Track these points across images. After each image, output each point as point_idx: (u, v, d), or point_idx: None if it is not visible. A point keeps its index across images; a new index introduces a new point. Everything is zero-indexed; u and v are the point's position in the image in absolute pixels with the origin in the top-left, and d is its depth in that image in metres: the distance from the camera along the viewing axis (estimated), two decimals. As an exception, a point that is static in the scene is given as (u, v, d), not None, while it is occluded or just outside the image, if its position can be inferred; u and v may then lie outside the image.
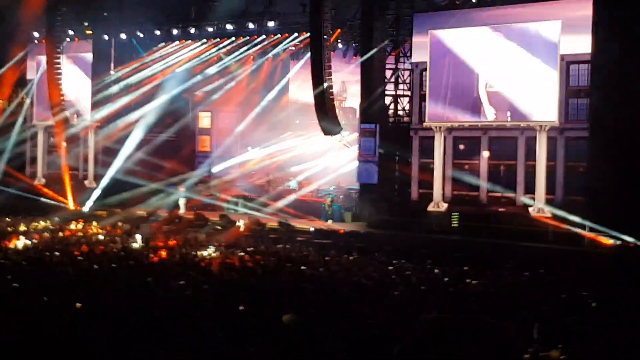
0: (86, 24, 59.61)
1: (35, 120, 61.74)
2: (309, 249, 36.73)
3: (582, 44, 39.08)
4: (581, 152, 39.81)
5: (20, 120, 62.06)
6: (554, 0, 40.48)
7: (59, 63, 56.49)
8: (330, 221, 47.44)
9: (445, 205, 43.09)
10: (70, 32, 59.33)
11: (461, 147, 44.08)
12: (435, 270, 30.49)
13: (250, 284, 26.99)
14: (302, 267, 30.59)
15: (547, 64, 40.43)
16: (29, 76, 62.49)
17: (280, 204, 49.83)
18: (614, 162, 37.11)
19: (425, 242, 39.68)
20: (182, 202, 51.40)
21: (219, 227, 45.07)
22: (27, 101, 62.72)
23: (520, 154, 41.92)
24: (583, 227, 37.60)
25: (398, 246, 38.73)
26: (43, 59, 58.69)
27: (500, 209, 41.55)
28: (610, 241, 36.55)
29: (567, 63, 40.55)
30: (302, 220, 46.95)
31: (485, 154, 42.82)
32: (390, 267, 31.21)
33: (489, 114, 42.23)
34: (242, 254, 34.11)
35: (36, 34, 60.18)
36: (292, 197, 50.69)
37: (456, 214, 42.08)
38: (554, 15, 40.25)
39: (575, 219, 38.11)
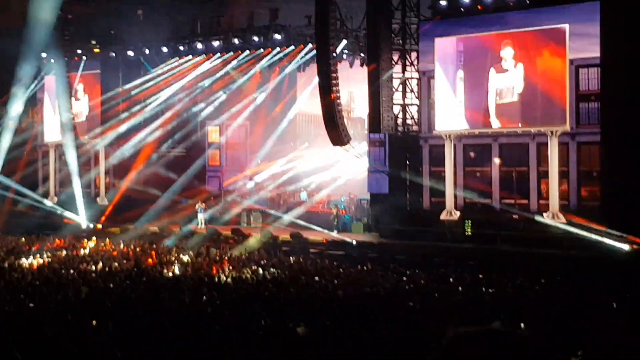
0: (94, 42, 59.82)
1: (45, 139, 61.84)
2: (322, 260, 36.67)
3: (590, 47, 38.99)
4: (594, 157, 39.72)
5: (31, 139, 62.20)
6: (560, 4, 40.34)
7: (68, 81, 56.60)
8: (335, 232, 47.44)
9: (458, 213, 42.96)
10: (79, 51, 59.52)
11: (472, 154, 43.99)
12: (450, 279, 30.41)
13: (264, 297, 26.99)
14: (316, 279, 30.61)
15: (555, 68, 40.31)
16: (38, 96, 62.67)
17: (292, 216, 49.79)
18: (627, 165, 37.01)
19: (438, 251, 39.64)
20: (201, 218, 51.32)
21: (231, 241, 45.06)
22: (38, 120, 62.86)
23: (532, 160, 41.81)
24: (598, 232, 37.43)
25: (411, 256, 38.72)
26: (52, 78, 58.84)
27: (514, 216, 41.43)
28: (626, 246, 36.40)
29: (576, 67, 40.45)
30: (314, 232, 46.95)
31: (497, 160, 42.73)
32: (404, 277, 31.14)
33: (498, 121, 42.09)
34: (255, 267, 34.10)
35: (44, 54, 60.29)
36: (303, 209, 50.63)
37: (469, 221, 41.97)
38: (562, 19, 40.16)
39: (590, 224, 37.94)
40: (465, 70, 42.98)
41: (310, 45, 50.22)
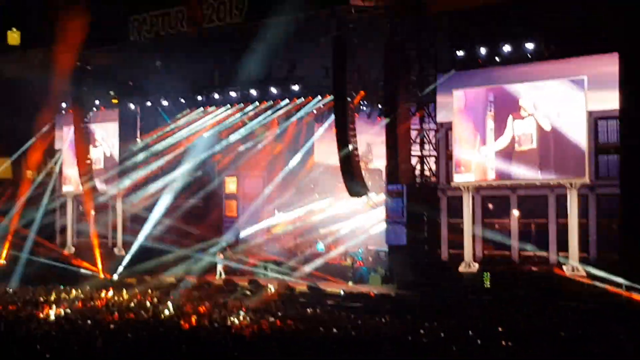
0: (112, 92, 60.14)
1: (63, 189, 62.02)
2: (339, 312, 36.48)
3: (609, 99, 38.90)
4: (613, 209, 39.43)
5: (49, 189, 62.42)
6: (579, 56, 40.33)
7: (86, 132, 56.87)
8: (351, 283, 47.29)
9: (477, 265, 42.75)
10: (97, 102, 59.84)
11: (490, 206, 43.86)
12: (469, 332, 30.17)
13: (280, 348, 26.89)
14: (334, 330, 30.45)
15: (574, 120, 40.22)
16: (57, 146, 62.96)
17: (309, 267, 49.67)
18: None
19: (457, 304, 39.38)
20: (220, 269, 51.20)
21: (248, 292, 44.94)
22: (56, 171, 63.11)
23: (551, 212, 41.62)
24: (619, 285, 37.16)
25: (430, 308, 38.47)
26: (70, 128, 59.12)
27: (533, 268, 41.18)
28: (646, 298, 36.15)
29: (595, 119, 40.41)
30: (331, 283, 46.81)
31: (516, 212, 42.56)
32: (423, 330, 30.92)
33: (517, 173, 41.94)
34: (272, 319, 33.94)
35: (63, 104, 60.64)
36: (320, 260, 50.49)
37: (487, 273, 41.73)
38: (580, 71, 40.16)
39: (611, 276, 37.69)
40: (482, 121, 42.88)
41: (327, 97, 50.31)
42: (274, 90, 53.27)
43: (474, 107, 43.38)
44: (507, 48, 42.20)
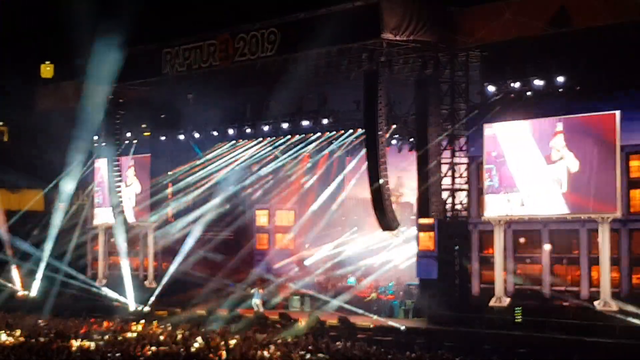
0: (144, 125, 60.52)
1: (95, 221, 62.30)
2: (370, 346, 36.32)
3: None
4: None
5: (81, 222, 62.75)
6: (611, 90, 40.16)
7: (118, 165, 57.18)
8: (374, 316, 47.15)
9: (508, 299, 42.48)
10: (129, 134, 60.21)
11: (521, 240, 43.64)
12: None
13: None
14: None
15: (606, 155, 40.00)
16: (89, 179, 63.29)
17: (339, 300, 49.55)
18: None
19: (488, 338, 39.18)
20: (256, 302, 51.04)
21: (278, 326, 44.86)
22: (88, 203, 63.43)
23: (583, 246, 41.34)
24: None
25: (460, 342, 38.31)
26: (103, 161, 59.47)
27: (564, 303, 40.90)
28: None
29: (627, 154, 40.22)
30: (362, 317, 46.69)
31: (547, 247, 42.31)
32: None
33: (548, 207, 41.70)
34: (303, 352, 33.85)
35: (96, 137, 61.05)
36: (351, 294, 50.37)
37: (519, 308, 41.47)
38: (612, 105, 39.91)
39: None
40: (513, 156, 42.69)
41: (359, 130, 50.36)
42: (305, 123, 53.38)
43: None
44: (538, 82, 42.11)
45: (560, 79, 41.51)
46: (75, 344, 36.04)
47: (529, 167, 42.03)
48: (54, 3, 58.83)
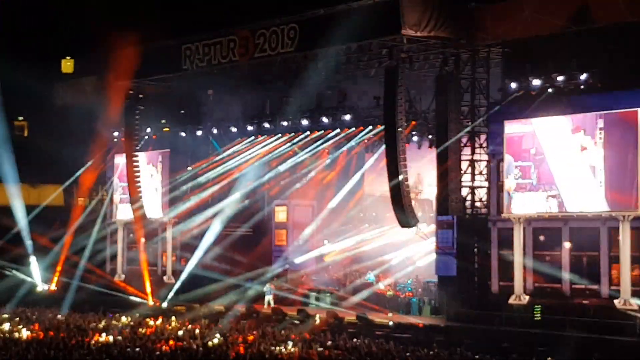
0: (163, 121, 60.58)
1: (114, 217, 62.44)
2: (388, 343, 36.30)
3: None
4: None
5: (100, 217, 62.90)
6: (632, 88, 39.87)
7: (137, 160, 57.28)
8: (390, 313, 47.13)
9: (527, 297, 42.31)
10: (149, 130, 60.28)
11: (541, 238, 43.41)
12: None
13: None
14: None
15: (629, 152, 39.76)
16: (108, 174, 63.51)
17: (358, 297, 49.55)
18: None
19: (507, 336, 39.08)
20: (268, 298, 51.09)
21: (296, 322, 44.89)
22: (107, 198, 63.61)
23: (603, 244, 41.05)
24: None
25: (479, 340, 38.24)
26: (122, 156, 59.59)
27: (584, 301, 40.70)
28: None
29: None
30: (380, 313, 46.68)
31: (567, 245, 42.11)
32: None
33: (568, 205, 41.50)
34: (321, 349, 33.85)
35: (115, 133, 61.17)
36: (369, 291, 50.35)
37: (538, 306, 41.29)
38: (634, 102, 39.73)
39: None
40: (534, 153, 42.49)
41: (378, 126, 50.25)
42: (324, 120, 53.30)
43: (518, 139, 42.59)
44: (559, 79, 41.89)
45: (582, 76, 41.22)
46: (94, 338, 36.16)
47: (568, 165, 41.65)
48: (75, -2, 59.14)
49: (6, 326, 40.69)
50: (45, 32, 64.32)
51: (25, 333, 38.38)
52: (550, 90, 42.28)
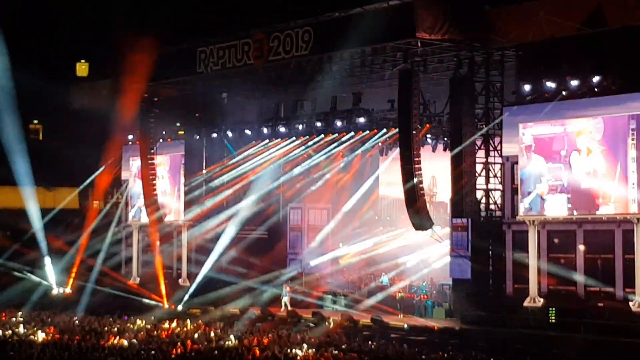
0: (178, 124, 60.70)
1: (129, 220, 62.59)
2: (403, 346, 36.31)
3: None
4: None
5: (115, 220, 63.07)
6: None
7: (152, 163, 57.44)
8: (400, 315, 47.13)
9: (542, 300, 42.26)
10: (163, 133, 60.38)
11: (556, 240, 43.34)
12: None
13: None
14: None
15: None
16: (123, 177, 63.67)
17: (372, 300, 49.54)
18: None
19: (522, 339, 39.03)
20: (285, 300, 51.01)
21: (311, 324, 44.92)
22: (122, 201, 63.78)
23: (618, 247, 40.96)
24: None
25: (494, 343, 38.20)
26: (137, 159, 59.76)
27: (599, 304, 40.62)
28: None
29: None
30: (395, 316, 46.68)
31: (581, 247, 42.03)
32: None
33: (582, 208, 41.42)
34: (336, 351, 33.87)
35: (130, 136, 61.30)
36: (384, 293, 50.35)
37: (553, 309, 41.27)
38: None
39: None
40: (549, 156, 42.42)
41: (393, 129, 50.26)
42: (339, 122, 53.30)
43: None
44: (574, 82, 41.82)
45: (596, 79, 41.14)
46: (109, 341, 36.25)
47: (565, 165, 41.71)
48: (91, 2, 59.26)
49: (21, 329, 40.84)
50: (60, 36, 64.54)
51: (40, 336, 38.52)
52: (564, 92, 42.22)
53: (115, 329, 41.29)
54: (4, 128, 56.76)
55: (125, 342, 36.22)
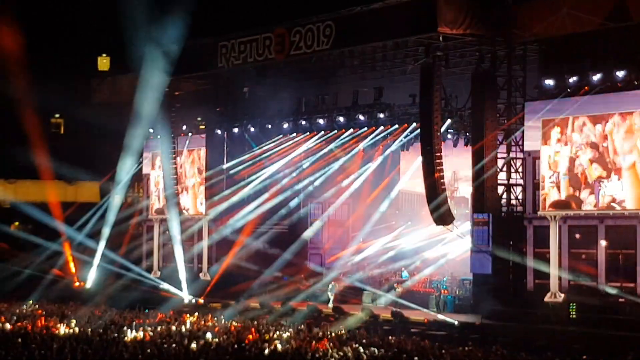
0: (199, 118, 60.76)
1: (150, 214, 62.72)
2: (423, 340, 36.24)
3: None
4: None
5: (136, 214, 63.24)
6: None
7: (173, 157, 57.55)
8: (420, 310, 47.16)
9: (563, 295, 42.14)
10: (184, 127, 60.46)
11: (577, 236, 43.19)
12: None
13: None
14: (416, 359, 30.34)
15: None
16: (144, 171, 63.80)
17: (393, 295, 49.48)
18: None
19: (542, 334, 38.94)
20: (331, 296, 50.71)
21: (332, 319, 44.91)
22: (143, 195, 63.94)
23: (640, 242, 40.95)
24: None
25: (514, 338, 38.12)
26: (158, 153, 59.87)
27: (620, 299, 40.47)
28: None
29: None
30: (415, 311, 46.63)
31: (603, 243, 41.87)
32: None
33: (604, 203, 41.25)
34: (356, 346, 33.85)
35: (151, 130, 61.42)
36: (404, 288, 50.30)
37: (574, 304, 41.16)
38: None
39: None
40: (571, 151, 42.30)
41: (414, 124, 50.20)
42: (360, 117, 53.27)
43: (554, 137, 42.21)
44: (596, 77, 41.64)
45: (619, 73, 40.95)
46: (130, 335, 36.32)
47: (586, 161, 41.60)
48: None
49: (43, 322, 40.95)
50: (82, 30, 64.72)
51: (62, 329, 38.63)
52: (586, 87, 42.05)
53: (136, 322, 41.36)
54: (25, 122, 56.98)
55: (145, 336, 36.28)
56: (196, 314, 44.97)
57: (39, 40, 58.71)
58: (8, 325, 39.51)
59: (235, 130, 59.17)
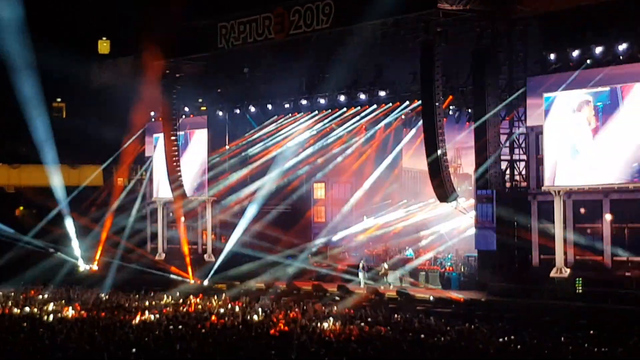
0: (201, 100, 60.70)
1: (154, 196, 62.72)
2: (428, 318, 36.24)
3: None
4: None
5: (139, 197, 63.25)
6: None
7: (175, 139, 57.50)
8: (422, 285, 46.94)
9: (568, 270, 42.11)
10: (186, 109, 60.42)
11: (582, 210, 43.12)
12: (561, 338, 29.71)
13: (370, 355, 26.87)
14: (422, 336, 30.32)
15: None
16: (147, 153, 63.77)
17: (398, 272, 49.50)
18: None
19: (548, 310, 38.92)
20: (361, 277, 50.05)
21: (337, 298, 44.93)
22: (146, 178, 63.94)
23: (645, 216, 40.88)
24: None
25: (520, 314, 38.11)
26: (160, 136, 59.83)
27: (626, 274, 40.45)
28: None
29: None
30: (420, 288, 46.65)
31: (608, 217, 41.81)
32: (513, 336, 30.50)
33: (608, 177, 41.19)
34: (362, 324, 33.86)
35: (153, 113, 61.33)
36: (409, 266, 50.29)
37: (579, 279, 41.14)
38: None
39: None
40: (573, 125, 42.20)
41: (415, 102, 50.09)
42: (361, 96, 53.18)
43: (557, 111, 42.13)
44: (598, 50, 41.51)
45: (621, 47, 40.81)
46: (137, 317, 36.36)
47: (589, 135, 41.52)
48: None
49: (51, 306, 41.01)
50: (81, 13, 64.48)
51: (70, 312, 38.70)
52: (588, 61, 41.90)
53: (142, 305, 41.41)
54: (28, 106, 56.84)
55: (152, 318, 36.32)
56: (201, 295, 45.03)
57: (39, 25, 58.39)
58: (16, 310, 39.58)
59: (237, 111, 59.15)
